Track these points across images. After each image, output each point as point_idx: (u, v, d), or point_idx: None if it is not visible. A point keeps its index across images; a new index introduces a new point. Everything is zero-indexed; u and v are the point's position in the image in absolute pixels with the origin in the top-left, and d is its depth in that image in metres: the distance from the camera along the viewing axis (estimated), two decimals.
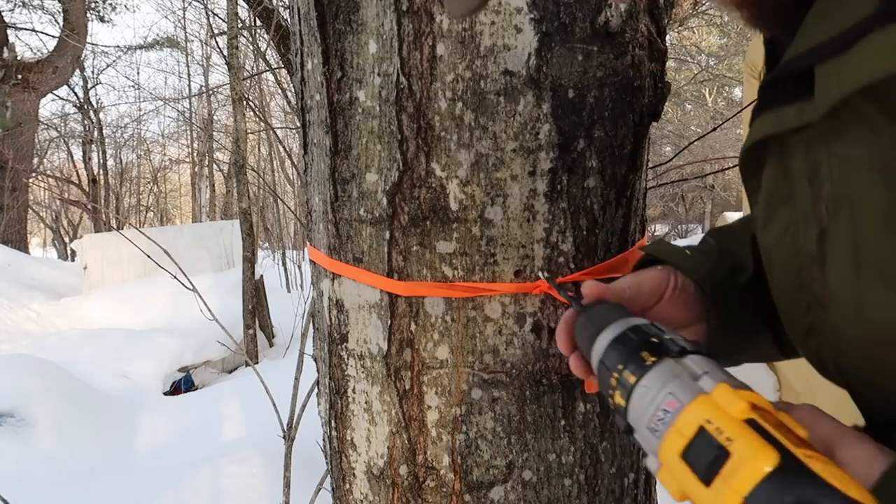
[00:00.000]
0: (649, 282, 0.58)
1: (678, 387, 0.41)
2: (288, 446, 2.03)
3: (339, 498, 0.87)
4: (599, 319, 0.53)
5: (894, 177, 0.37)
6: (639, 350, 0.46)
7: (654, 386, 0.43)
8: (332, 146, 0.75)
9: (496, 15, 0.65)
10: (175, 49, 16.48)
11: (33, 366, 4.38)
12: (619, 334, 0.49)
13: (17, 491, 3.22)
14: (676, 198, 16.40)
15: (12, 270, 8.61)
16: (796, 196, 0.44)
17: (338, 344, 0.81)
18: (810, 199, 0.42)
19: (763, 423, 0.36)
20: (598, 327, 0.52)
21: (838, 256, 0.41)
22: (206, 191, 18.00)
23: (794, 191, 0.44)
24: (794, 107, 0.42)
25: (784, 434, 0.36)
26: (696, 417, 0.38)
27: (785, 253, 0.46)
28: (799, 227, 0.44)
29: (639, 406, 0.43)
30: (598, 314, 0.54)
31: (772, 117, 0.44)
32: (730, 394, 0.38)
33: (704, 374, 0.41)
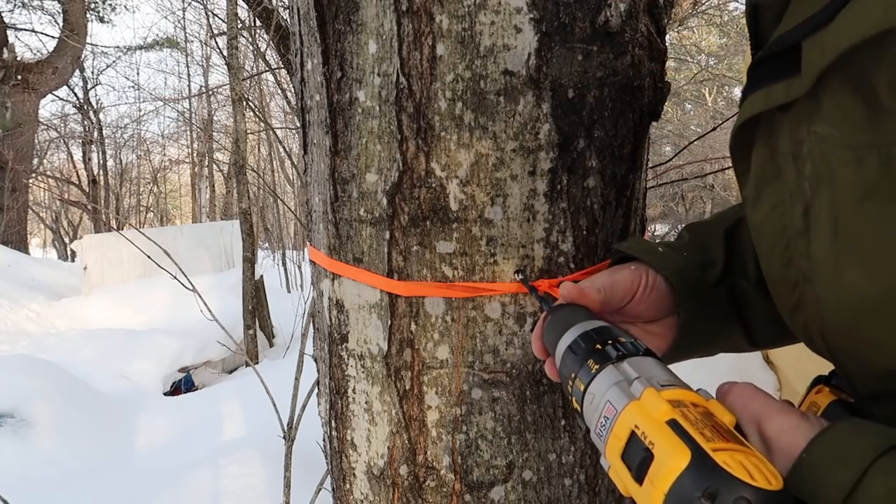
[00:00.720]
0: (622, 281, 0.61)
1: (614, 394, 0.45)
2: (288, 446, 2.03)
3: (340, 498, 0.87)
4: (562, 322, 0.57)
5: (862, 155, 0.39)
6: (586, 358, 0.50)
7: (598, 393, 0.47)
8: (332, 146, 0.75)
9: (496, 15, 0.65)
10: (175, 49, 16.49)
11: (33, 366, 4.38)
12: (572, 342, 0.53)
13: (17, 491, 3.22)
14: (676, 198, 16.39)
15: (12, 271, 8.61)
16: (783, 174, 0.46)
17: (338, 344, 0.81)
18: (795, 177, 0.44)
19: (683, 421, 0.40)
20: (560, 331, 0.56)
21: (820, 231, 0.43)
22: (206, 191, 18.00)
23: (781, 169, 0.46)
24: (782, 83, 0.44)
25: (702, 428, 0.39)
26: (627, 423, 0.43)
27: (773, 230, 0.48)
28: (786, 205, 0.46)
29: (588, 412, 0.48)
30: (561, 317, 0.58)
31: (761, 95, 0.46)
32: (654, 398, 0.42)
33: (636, 379, 0.45)
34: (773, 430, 0.41)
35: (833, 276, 0.43)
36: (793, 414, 0.42)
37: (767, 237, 0.49)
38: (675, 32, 10.55)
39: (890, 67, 0.37)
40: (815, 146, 0.42)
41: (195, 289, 2.38)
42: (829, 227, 0.42)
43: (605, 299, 0.60)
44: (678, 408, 0.41)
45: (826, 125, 0.41)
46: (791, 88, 0.43)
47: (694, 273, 0.62)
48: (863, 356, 0.44)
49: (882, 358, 0.42)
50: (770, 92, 0.45)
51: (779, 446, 0.41)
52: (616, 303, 0.61)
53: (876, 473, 0.35)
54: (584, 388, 0.49)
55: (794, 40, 0.43)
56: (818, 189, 0.42)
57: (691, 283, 0.61)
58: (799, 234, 0.45)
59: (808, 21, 0.42)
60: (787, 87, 0.43)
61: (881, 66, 0.38)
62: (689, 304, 0.61)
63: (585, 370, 0.50)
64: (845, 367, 0.47)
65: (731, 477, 0.36)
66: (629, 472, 0.42)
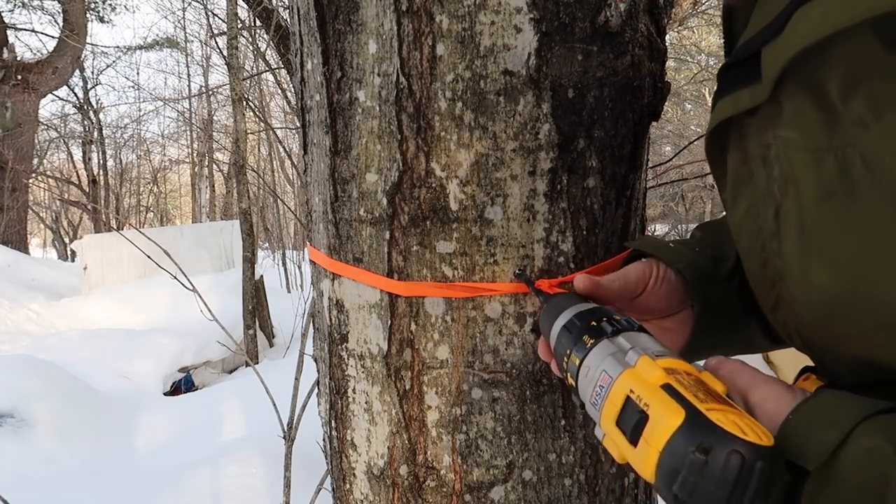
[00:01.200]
0: (633, 273, 0.62)
1: (610, 364, 0.47)
2: (288, 446, 2.03)
3: (340, 498, 0.87)
4: (556, 308, 0.58)
5: (821, 157, 0.41)
6: (581, 334, 0.52)
7: (593, 365, 0.49)
8: (331, 146, 0.75)
9: (496, 15, 0.65)
10: (175, 49, 16.49)
11: (33, 366, 4.38)
12: (567, 322, 0.55)
13: (17, 491, 3.22)
14: (676, 198, 16.40)
15: (12, 271, 8.61)
16: (755, 177, 0.47)
17: (338, 344, 0.81)
18: (765, 180, 0.46)
19: (677, 385, 0.41)
20: (554, 316, 0.57)
21: (789, 232, 0.45)
22: (206, 191, 18.00)
23: (753, 172, 0.47)
24: (748, 89, 0.45)
25: (696, 392, 0.41)
26: (623, 389, 0.44)
27: (749, 231, 0.49)
28: (759, 207, 0.47)
29: (583, 384, 0.50)
30: (556, 304, 0.59)
31: (729, 101, 0.48)
32: (649, 364, 0.44)
33: (630, 349, 0.47)
34: (758, 398, 0.43)
35: (801, 276, 0.44)
36: (777, 384, 0.44)
37: (745, 238, 0.51)
38: (675, 32, 10.55)
39: (837, 72, 0.39)
40: (781, 149, 0.44)
41: (195, 289, 2.38)
42: (797, 228, 0.44)
43: (620, 290, 0.61)
44: (672, 374, 0.43)
45: (788, 129, 0.43)
46: (756, 94, 0.44)
47: (706, 266, 0.63)
48: (836, 351, 0.45)
49: (852, 353, 0.44)
50: (737, 97, 0.46)
51: (764, 411, 0.43)
52: (629, 294, 0.62)
53: (859, 434, 0.37)
54: (579, 363, 0.51)
55: (755, 47, 0.44)
56: (786, 191, 0.44)
57: (703, 276, 0.62)
58: (772, 234, 0.46)
59: (766, 28, 0.44)
60: (752, 93, 0.45)
61: (830, 71, 0.39)
62: (701, 296, 0.61)
63: (580, 346, 0.51)
64: (823, 363, 0.49)
65: (725, 432, 0.37)
66: (624, 437, 0.43)
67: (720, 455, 0.36)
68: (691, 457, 0.37)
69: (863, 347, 0.43)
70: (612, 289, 0.60)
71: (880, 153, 0.38)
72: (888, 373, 0.42)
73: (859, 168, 0.39)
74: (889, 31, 0.36)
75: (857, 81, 0.38)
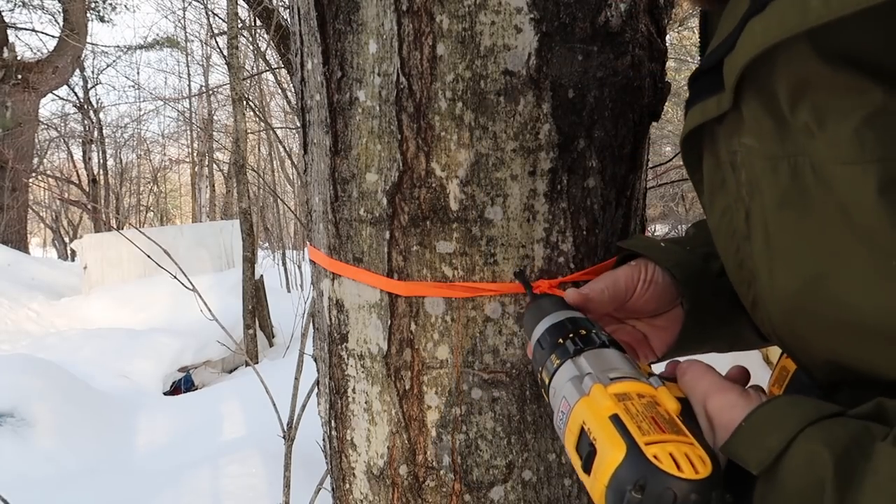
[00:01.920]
0: (622, 277, 0.62)
1: (569, 390, 0.49)
2: (288, 446, 2.03)
3: (339, 498, 0.87)
4: (536, 313, 0.60)
5: (776, 164, 0.42)
6: (550, 352, 0.54)
7: (558, 387, 0.51)
8: (332, 146, 0.75)
9: (496, 15, 0.65)
10: (175, 49, 16.48)
11: (33, 366, 4.38)
12: (540, 336, 0.57)
13: (17, 491, 3.21)
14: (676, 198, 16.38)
15: (12, 270, 8.61)
16: (726, 182, 0.49)
17: (338, 344, 0.81)
18: (735, 185, 0.47)
19: (624, 416, 0.43)
20: (533, 323, 0.59)
21: (757, 235, 0.46)
22: (206, 191, 18.00)
23: (725, 177, 0.49)
24: (714, 97, 0.46)
25: (641, 422, 0.42)
26: (578, 419, 0.46)
27: (725, 234, 0.51)
28: (732, 210, 0.49)
29: (553, 403, 0.51)
30: (536, 308, 0.61)
31: (698, 109, 0.49)
32: (600, 394, 0.46)
33: (587, 375, 0.49)
34: (715, 408, 0.45)
35: (768, 277, 0.46)
36: (732, 392, 0.45)
37: (722, 240, 0.52)
38: (675, 32, 10.55)
39: (784, 82, 0.40)
40: (745, 156, 0.45)
41: (195, 288, 2.38)
42: (762, 232, 0.45)
43: (611, 297, 0.61)
44: (623, 401, 0.44)
45: (749, 136, 0.44)
46: (721, 102, 0.46)
47: (697, 264, 0.63)
48: (807, 351, 0.47)
49: (819, 353, 0.45)
50: (705, 106, 0.48)
51: (720, 423, 0.44)
52: (619, 300, 0.62)
53: (802, 439, 0.38)
54: (548, 382, 0.53)
55: (719, 58, 0.46)
56: (752, 195, 0.45)
57: (694, 273, 0.62)
58: (744, 237, 0.48)
59: (727, 38, 0.45)
60: (718, 101, 0.46)
61: (778, 81, 0.41)
62: (691, 293, 0.62)
63: (549, 365, 0.53)
64: (798, 360, 0.51)
65: (658, 470, 0.39)
66: (580, 463, 0.45)
67: (654, 492, 0.38)
68: (629, 495, 0.39)
69: (828, 347, 0.44)
70: (601, 301, 0.61)
71: (826, 161, 0.39)
72: (854, 373, 0.43)
73: (809, 175, 0.40)
74: (822, 43, 0.37)
75: (801, 91, 0.40)
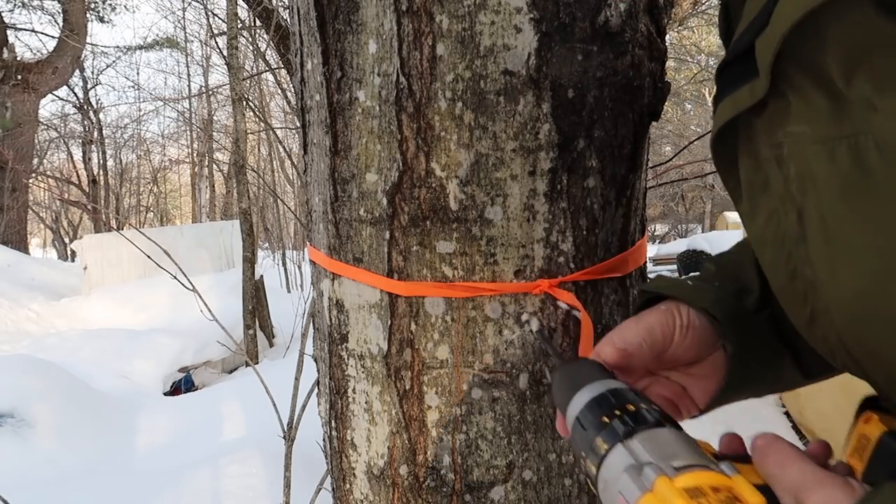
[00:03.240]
0: (657, 326, 0.55)
1: (626, 484, 0.41)
2: (288, 446, 2.03)
3: (340, 498, 0.87)
4: (569, 383, 0.52)
5: (833, 148, 0.37)
6: (595, 435, 0.46)
7: (610, 480, 0.43)
8: (331, 146, 0.75)
9: (496, 15, 0.65)
10: (175, 49, 16.49)
11: (33, 366, 4.38)
12: (579, 413, 0.49)
13: (17, 491, 3.21)
14: (676, 198, 16.40)
15: (12, 271, 8.62)
16: (771, 181, 0.44)
17: (338, 344, 0.81)
18: (782, 182, 0.42)
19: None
20: (567, 394, 0.51)
21: (814, 234, 0.41)
22: (206, 191, 18.01)
23: (768, 176, 0.44)
24: (746, 86, 0.42)
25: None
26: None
27: (772, 241, 0.46)
28: (780, 213, 0.44)
29: (604, 498, 0.44)
30: (569, 376, 0.52)
31: (729, 101, 0.44)
32: (667, 490, 0.39)
33: (647, 465, 0.41)
34: None
35: (831, 280, 0.40)
36: (834, 485, 0.38)
37: (769, 250, 0.47)
38: (675, 32, 10.55)
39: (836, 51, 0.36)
40: (793, 146, 0.41)
41: (195, 289, 2.38)
42: (820, 229, 0.40)
43: (649, 351, 0.54)
44: (696, 498, 0.38)
45: (797, 122, 0.40)
46: (755, 90, 0.41)
47: (731, 301, 0.57)
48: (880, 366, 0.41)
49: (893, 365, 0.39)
50: (736, 97, 0.44)
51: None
52: (658, 352, 0.55)
53: None
54: (595, 472, 0.45)
55: (748, 41, 0.42)
56: (805, 190, 0.41)
57: (732, 312, 0.56)
58: (797, 241, 0.43)
59: (756, 18, 0.41)
60: (751, 90, 0.42)
61: (829, 51, 0.36)
62: (734, 334, 0.55)
63: (595, 451, 0.45)
64: (872, 381, 0.44)
65: None
66: None
67: None
68: None
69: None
70: (641, 356, 0.54)
71: (892, 135, 0.34)
72: None
73: (874, 155, 0.35)
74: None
75: (857, 58, 0.35)
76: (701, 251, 9.53)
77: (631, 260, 0.77)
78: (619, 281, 0.76)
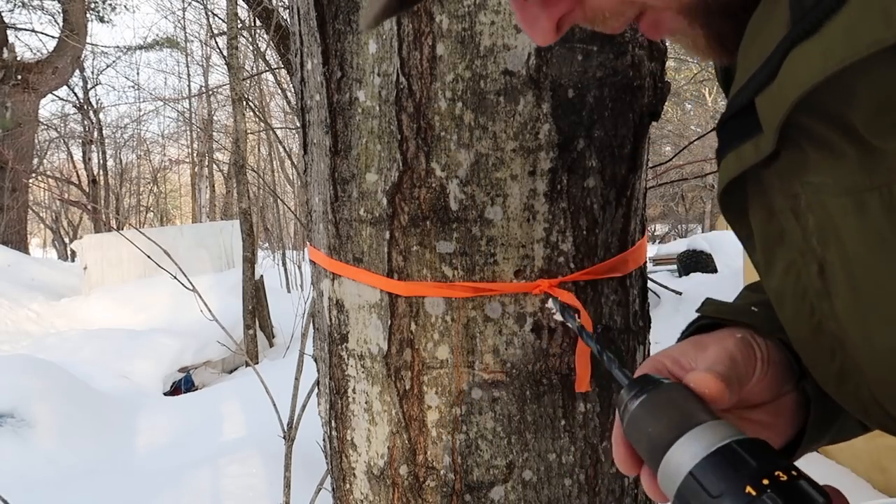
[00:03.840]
0: (740, 357, 0.47)
1: None
2: (288, 446, 2.03)
3: (340, 498, 0.87)
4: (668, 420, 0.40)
5: (862, 199, 0.35)
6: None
7: None
8: (332, 146, 0.75)
9: (496, 15, 0.65)
10: (175, 49, 16.50)
11: (33, 366, 4.38)
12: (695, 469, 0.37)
13: (17, 491, 3.22)
14: (676, 198, 16.41)
15: (12, 271, 8.62)
16: (787, 234, 0.42)
17: (338, 344, 0.81)
18: (801, 234, 0.40)
19: None
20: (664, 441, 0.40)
21: (839, 289, 0.38)
22: (206, 191, 18.01)
23: (784, 229, 0.42)
24: (750, 143, 0.40)
25: None
26: None
27: (793, 295, 0.43)
28: (799, 265, 0.41)
29: None
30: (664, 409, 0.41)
31: (733, 158, 0.42)
32: None
33: None
34: None
35: (863, 339, 0.38)
36: None
37: (789, 304, 0.43)
38: None
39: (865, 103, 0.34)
40: (812, 197, 0.39)
41: (195, 289, 2.38)
42: (847, 285, 0.38)
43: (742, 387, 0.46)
44: None
45: (817, 174, 0.38)
46: (759, 146, 0.39)
47: None
48: None
49: None
50: (740, 153, 0.41)
51: None
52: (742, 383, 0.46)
53: None
54: None
55: (747, 98, 0.40)
56: (826, 244, 0.38)
57: None
58: (821, 294, 0.40)
59: (755, 75, 0.39)
60: (755, 146, 0.40)
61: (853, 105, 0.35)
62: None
63: None
64: None
65: None
66: None
67: None
68: None
69: None
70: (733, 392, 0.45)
71: None
72: None
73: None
74: None
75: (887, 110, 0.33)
76: (701, 251, 9.54)
77: (631, 260, 0.77)
78: (619, 281, 0.76)
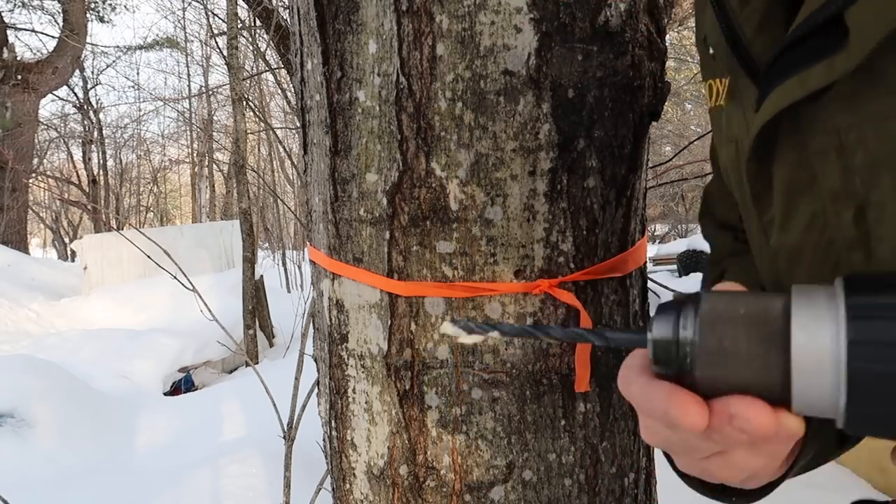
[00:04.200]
0: None
1: None
2: (288, 446, 2.03)
3: (340, 498, 0.87)
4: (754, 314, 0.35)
5: None
6: None
7: None
8: (332, 146, 0.75)
9: (496, 15, 0.65)
10: (175, 49, 16.50)
11: (33, 366, 4.38)
12: None
13: (17, 491, 3.21)
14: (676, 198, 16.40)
15: (12, 271, 8.62)
16: (820, 178, 0.39)
17: (338, 344, 0.81)
18: (839, 175, 0.38)
19: None
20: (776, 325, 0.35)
21: (884, 232, 0.36)
22: (206, 191, 18.02)
23: (817, 172, 0.39)
24: (822, 64, 0.37)
25: None
26: None
27: (814, 248, 0.41)
28: (828, 215, 0.39)
29: None
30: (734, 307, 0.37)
31: (794, 83, 0.39)
32: None
33: None
34: None
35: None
36: None
37: (807, 260, 0.41)
38: (675, 32, 10.55)
39: None
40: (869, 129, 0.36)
41: (195, 289, 2.38)
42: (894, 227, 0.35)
43: None
44: None
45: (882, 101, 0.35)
46: (834, 66, 0.36)
47: None
48: None
49: None
50: (805, 77, 0.38)
51: None
52: None
53: None
54: None
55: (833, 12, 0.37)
56: (875, 182, 0.36)
57: None
58: (852, 245, 0.38)
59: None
60: (828, 67, 0.37)
61: None
62: None
63: None
64: None
65: None
66: None
67: None
68: None
69: None
70: None
71: None
72: None
73: None
74: None
75: None
76: (701, 251, 9.55)
77: (631, 260, 0.77)
78: (619, 281, 0.76)
